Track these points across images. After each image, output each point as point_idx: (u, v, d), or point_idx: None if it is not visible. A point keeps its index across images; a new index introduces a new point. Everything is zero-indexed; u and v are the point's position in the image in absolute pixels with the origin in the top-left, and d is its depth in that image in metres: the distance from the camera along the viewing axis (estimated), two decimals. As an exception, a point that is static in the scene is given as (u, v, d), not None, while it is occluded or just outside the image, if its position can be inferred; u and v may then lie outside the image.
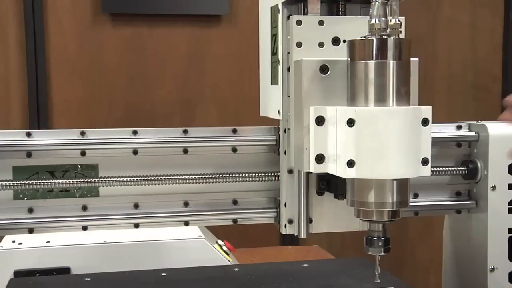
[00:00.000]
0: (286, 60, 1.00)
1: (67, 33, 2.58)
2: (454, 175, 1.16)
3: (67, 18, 2.57)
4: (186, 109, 2.67)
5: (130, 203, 1.09)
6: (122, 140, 1.07)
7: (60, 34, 2.57)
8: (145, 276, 1.34)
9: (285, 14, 1.00)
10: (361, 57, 0.89)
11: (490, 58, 2.99)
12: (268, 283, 1.27)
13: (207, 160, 1.10)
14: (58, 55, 2.57)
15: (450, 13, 2.93)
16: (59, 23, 2.57)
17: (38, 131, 1.06)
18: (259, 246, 2.12)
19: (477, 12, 2.96)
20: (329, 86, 0.94)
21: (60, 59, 2.57)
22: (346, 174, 0.89)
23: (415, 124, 0.90)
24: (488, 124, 1.14)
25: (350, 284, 1.22)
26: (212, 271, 1.41)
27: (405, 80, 0.90)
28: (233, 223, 1.11)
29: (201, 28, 2.66)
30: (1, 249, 1.50)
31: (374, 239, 0.95)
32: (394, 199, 0.91)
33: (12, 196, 1.07)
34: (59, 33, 2.57)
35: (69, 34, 2.58)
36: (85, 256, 1.51)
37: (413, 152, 0.89)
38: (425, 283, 2.67)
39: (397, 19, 0.89)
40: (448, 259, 1.25)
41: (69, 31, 2.58)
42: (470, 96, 2.98)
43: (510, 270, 1.14)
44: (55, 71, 2.58)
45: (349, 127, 0.88)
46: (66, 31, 2.58)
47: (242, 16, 2.63)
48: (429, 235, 2.73)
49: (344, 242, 2.53)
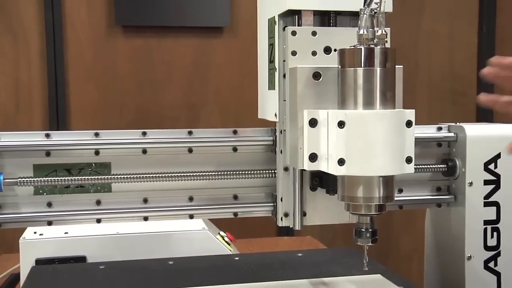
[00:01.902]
0: (282, 67, 0.99)
1: (84, 44, 2.59)
2: (435, 172, 1.15)
3: (83, 30, 2.59)
4: (191, 112, 2.68)
5: (140, 198, 1.09)
6: (132, 140, 1.07)
7: (77, 44, 2.58)
8: (154, 264, 1.34)
9: (281, 26, 1.00)
10: (351, 64, 0.89)
11: (466, 66, 2.99)
12: (265, 270, 1.26)
13: (210, 158, 1.09)
14: (75, 63, 2.58)
15: (430, 25, 2.93)
16: (76, 34, 2.58)
17: (56, 132, 1.06)
18: (257, 237, 2.11)
19: (455, 25, 2.96)
20: (321, 91, 0.94)
21: (77, 67, 2.58)
22: (337, 171, 0.89)
23: (399, 125, 0.89)
24: (466, 126, 1.13)
25: (340, 272, 1.22)
26: (214, 259, 1.41)
27: (391, 85, 0.89)
28: (234, 216, 1.10)
29: (204, 38, 2.66)
30: (24, 239, 1.49)
31: (362, 230, 0.95)
32: (381, 194, 0.90)
33: (33, 191, 1.06)
34: (76, 44, 2.58)
35: (85, 45, 2.59)
36: (100, 246, 1.51)
37: (398, 151, 0.89)
38: (408, 270, 2.66)
39: (383, 30, 0.89)
40: (429, 248, 1.25)
41: (85, 42, 2.59)
42: (449, 100, 2.97)
43: (485, 258, 1.14)
44: (73, 78, 2.58)
45: (340, 129, 0.88)
46: (82, 41, 2.59)
47: (242, 28, 2.63)
48: (412, 226, 2.73)
49: (335, 233, 2.53)
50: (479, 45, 2.98)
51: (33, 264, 1.45)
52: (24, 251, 1.48)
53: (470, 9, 2.97)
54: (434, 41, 2.95)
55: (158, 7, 2.57)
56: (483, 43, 2.97)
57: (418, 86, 2.93)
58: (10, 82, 2.54)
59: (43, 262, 1.46)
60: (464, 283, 1.13)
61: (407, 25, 2.87)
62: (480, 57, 2.98)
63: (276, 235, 2.40)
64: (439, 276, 1.22)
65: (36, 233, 1.52)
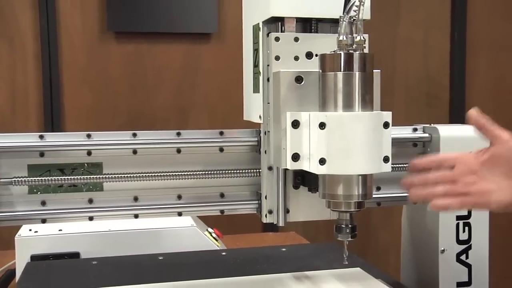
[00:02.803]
0: (266, 71, 0.99)
1: (78, 49, 2.58)
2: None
3: (77, 36, 2.58)
4: (180, 114, 2.67)
5: (130, 197, 1.08)
6: (123, 141, 1.05)
7: (71, 49, 2.57)
8: (144, 260, 1.33)
9: (265, 32, 0.99)
10: (331, 69, 0.89)
11: (440, 71, 3.01)
12: (251, 265, 1.26)
13: (198, 158, 1.08)
14: (70, 67, 2.57)
15: (406, 32, 2.94)
16: (71, 40, 2.57)
17: (50, 134, 1.05)
18: (243, 233, 2.11)
19: (429, 32, 2.98)
20: (303, 94, 0.93)
21: (71, 71, 2.57)
22: (318, 170, 0.89)
23: (377, 127, 0.89)
24: (439, 127, 1.14)
25: (322, 266, 1.22)
26: (203, 255, 1.40)
27: (369, 89, 0.89)
28: (221, 213, 1.09)
29: (193, 44, 2.66)
30: (19, 236, 1.48)
31: (342, 226, 0.95)
32: (360, 192, 0.90)
33: (27, 190, 1.05)
34: (70, 49, 2.57)
35: (79, 50, 2.58)
36: (93, 243, 1.50)
37: (376, 151, 0.89)
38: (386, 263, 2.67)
39: (362, 36, 0.89)
40: (406, 243, 1.25)
41: (79, 47, 2.58)
42: (424, 103, 2.99)
43: (457, 252, 1.14)
44: (67, 81, 2.57)
45: (321, 130, 0.87)
46: (76, 47, 2.58)
47: (228, 34, 2.63)
48: (389, 222, 2.74)
49: (317, 229, 2.53)
50: (451, 51, 3.01)
51: (28, 260, 1.44)
52: (19, 247, 1.46)
53: (442, 18, 2.99)
54: (410, 47, 2.96)
55: (149, 14, 2.57)
56: (455, 49, 3.00)
57: (396, 89, 2.94)
58: (7, 85, 2.52)
59: (38, 258, 1.45)
60: (438, 275, 1.13)
61: (384, 32, 2.88)
62: (452, 62, 3.01)
63: (262, 231, 2.40)
64: (414, 268, 1.22)
65: (31, 231, 1.50)
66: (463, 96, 3.02)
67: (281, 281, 1.13)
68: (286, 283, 1.12)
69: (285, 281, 1.13)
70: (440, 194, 0.93)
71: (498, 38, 3.05)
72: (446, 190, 0.93)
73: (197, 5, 2.60)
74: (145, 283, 1.13)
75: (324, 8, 0.97)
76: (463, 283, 1.14)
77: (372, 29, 0.97)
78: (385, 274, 1.19)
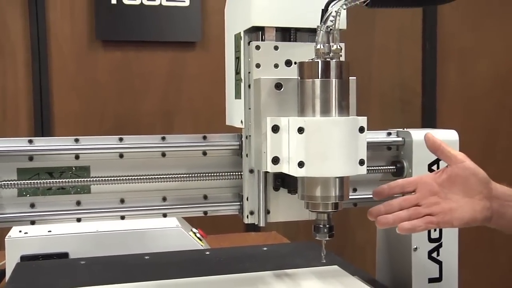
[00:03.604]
0: (247, 78, 0.99)
1: (67, 56, 2.56)
2: (385, 173, 1.16)
3: (66, 44, 2.56)
4: (166, 119, 2.66)
5: (117, 199, 1.06)
6: (110, 145, 1.04)
7: (60, 57, 2.55)
8: (131, 259, 1.32)
9: (246, 41, 0.99)
10: (309, 76, 0.89)
11: (413, 78, 3.03)
12: (234, 263, 1.25)
13: (182, 162, 1.07)
14: (59, 74, 2.55)
15: (381, 41, 2.96)
16: (60, 47, 2.55)
17: (39, 138, 1.03)
18: (227, 233, 2.10)
19: (402, 41, 3.00)
20: (283, 100, 0.93)
21: (61, 78, 2.55)
22: (297, 173, 0.88)
23: (353, 131, 0.89)
24: (412, 131, 1.14)
25: (301, 264, 1.22)
26: (187, 254, 1.40)
27: (345, 95, 0.89)
28: (204, 214, 1.09)
29: (178, 52, 2.65)
30: (10, 237, 1.46)
31: (320, 226, 0.95)
32: (337, 193, 0.90)
33: (17, 193, 1.03)
34: (59, 56, 2.55)
35: (68, 57, 2.57)
36: (81, 243, 1.49)
37: (352, 154, 0.89)
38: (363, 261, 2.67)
39: (338, 45, 0.89)
40: (381, 241, 1.25)
41: (68, 55, 2.56)
42: (398, 108, 3.01)
43: (429, 249, 1.14)
44: (56, 88, 2.55)
45: (300, 134, 0.87)
46: (65, 54, 2.56)
47: (212, 43, 2.62)
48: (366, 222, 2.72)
49: (298, 228, 2.52)
50: (423, 59, 3.03)
51: (18, 260, 1.42)
52: (9, 248, 1.44)
53: (415, 28, 3.01)
54: (384, 56, 2.98)
55: (135, 23, 2.56)
56: (427, 58, 3.02)
57: (371, 95, 2.96)
58: (-2, 92, 2.49)
59: (27, 259, 1.43)
60: (411, 272, 1.13)
61: (360, 41, 2.90)
62: (424, 70, 3.04)
63: (244, 231, 2.39)
64: (389, 265, 1.22)
65: (21, 232, 1.49)
66: (434, 102, 3.05)
67: (263, 279, 1.12)
68: (267, 281, 1.11)
69: (266, 279, 1.12)
70: (405, 218, 0.96)
71: (466, 47, 3.09)
72: (410, 213, 0.96)
73: (182, 15, 2.60)
74: (132, 282, 1.12)
75: (302, 18, 0.97)
76: (434, 279, 1.15)
77: (348, 38, 0.98)
78: (361, 271, 1.19)
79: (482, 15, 3.08)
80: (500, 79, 3.14)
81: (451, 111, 3.09)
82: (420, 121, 3.02)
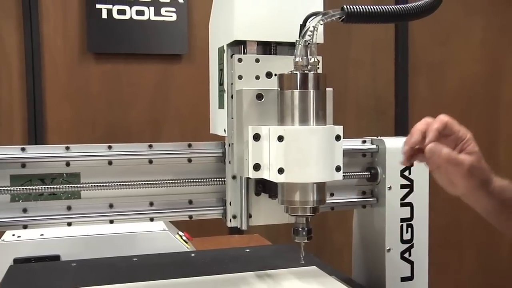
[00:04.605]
0: (230, 89, 0.98)
1: (59, 68, 2.55)
2: (360, 179, 1.16)
3: (59, 56, 2.54)
4: (154, 128, 2.65)
5: (106, 204, 1.05)
6: (99, 153, 1.03)
7: (53, 68, 2.53)
8: (120, 261, 1.30)
9: (229, 54, 0.99)
10: (288, 87, 0.88)
11: (386, 89, 3.05)
12: (218, 265, 1.25)
13: (168, 168, 1.06)
14: (52, 84, 2.52)
15: (356, 55, 2.98)
16: (53, 59, 2.53)
17: (31, 146, 1.02)
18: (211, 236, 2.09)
19: (376, 55, 3.02)
20: (263, 110, 0.93)
21: (54, 88, 2.53)
22: (277, 179, 0.88)
23: (330, 139, 0.89)
24: (385, 139, 1.14)
25: (282, 265, 1.21)
26: (174, 256, 1.38)
27: (322, 105, 0.89)
28: (189, 218, 1.08)
29: (166, 64, 2.65)
30: (3, 241, 1.44)
31: (299, 229, 0.94)
32: (315, 198, 0.90)
33: (10, 199, 1.01)
34: (53, 68, 2.53)
35: (61, 69, 2.55)
36: (72, 246, 1.47)
37: (329, 161, 0.89)
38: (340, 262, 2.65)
39: (316, 58, 0.89)
40: (356, 243, 1.25)
41: (61, 66, 2.55)
42: (372, 117, 3.03)
43: (401, 250, 1.15)
44: (50, 98, 2.53)
45: (279, 142, 0.87)
46: (58, 66, 2.55)
47: (197, 55, 2.62)
48: (343, 224, 2.74)
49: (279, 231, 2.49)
50: (396, 72, 3.06)
51: (11, 263, 1.39)
52: (3, 251, 1.42)
53: (388, 42, 3.04)
54: (359, 68, 3.00)
55: (125, 36, 2.55)
56: (399, 70, 3.05)
57: (347, 105, 2.97)
58: (-7, 102, 2.46)
59: (20, 261, 1.41)
60: (385, 271, 1.14)
61: (336, 54, 2.92)
62: (396, 81, 3.06)
63: (228, 234, 2.38)
64: (364, 265, 1.22)
65: (14, 235, 1.47)
66: (406, 111, 3.07)
67: (245, 280, 1.12)
68: (249, 281, 1.10)
69: (249, 279, 1.12)
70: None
71: (435, 61, 3.12)
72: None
73: (170, 29, 2.60)
74: (121, 283, 1.11)
75: (282, 33, 0.97)
76: (406, 278, 1.15)
77: (325, 51, 0.98)
78: (338, 272, 1.19)
79: (449, 31, 3.12)
80: (466, 89, 3.18)
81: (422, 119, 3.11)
82: (393, 129, 3.04)
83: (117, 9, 2.53)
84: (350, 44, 2.96)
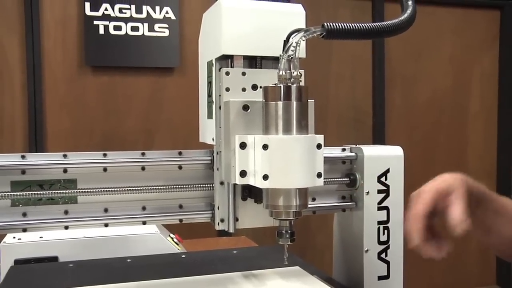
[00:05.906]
0: (218, 100, 0.98)
1: (59, 80, 2.53)
2: (340, 184, 1.15)
3: (59, 68, 2.53)
4: (148, 136, 2.64)
5: (101, 208, 1.04)
6: (95, 160, 1.02)
7: (53, 80, 2.52)
8: (115, 262, 1.29)
9: (217, 67, 0.98)
10: (273, 99, 0.88)
11: (365, 100, 3.08)
12: (207, 265, 1.24)
13: (160, 175, 1.05)
14: (52, 95, 2.51)
15: (337, 68, 3.00)
16: (53, 72, 2.52)
17: (31, 154, 1.00)
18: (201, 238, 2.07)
19: (355, 69, 3.05)
20: (249, 120, 0.92)
21: (53, 99, 2.52)
22: (262, 185, 0.87)
23: (312, 148, 0.88)
24: (364, 147, 1.14)
25: (267, 265, 1.20)
26: (165, 257, 1.37)
27: (305, 115, 0.89)
28: (180, 222, 1.06)
29: (159, 76, 2.64)
30: (4, 243, 1.42)
31: (283, 232, 0.94)
32: (297, 202, 0.89)
33: (10, 204, 1.00)
34: (53, 79, 2.52)
35: (60, 80, 2.54)
36: (69, 248, 1.45)
37: (310, 168, 0.88)
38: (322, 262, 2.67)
39: (298, 71, 0.89)
40: (337, 244, 1.25)
41: (60, 78, 2.53)
42: (351, 127, 3.04)
43: (378, 251, 1.14)
44: (49, 108, 2.51)
45: (264, 150, 0.86)
46: (58, 78, 2.53)
47: (189, 68, 2.62)
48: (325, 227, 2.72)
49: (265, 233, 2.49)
50: (373, 84, 3.08)
51: (12, 264, 1.37)
52: (4, 253, 1.40)
53: (366, 57, 3.07)
54: (340, 81, 3.02)
55: (121, 51, 2.55)
56: (376, 83, 3.07)
57: (328, 115, 2.98)
58: (-4, 111, 2.44)
59: (20, 262, 1.39)
60: (363, 271, 1.13)
61: (318, 68, 2.93)
62: (374, 93, 3.09)
63: (217, 236, 2.37)
64: (344, 265, 1.22)
65: (15, 238, 1.45)
66: (383, 121, 3.09)
67: (232, 279, 1.11)
68: (236, 281, 1.10)
69: (235, 279, 1.11)
70: None
71: (409, 75, 3.15)
72: None
73: (162, 44, 2.60)
74: (116, 283, 1.09)
75: (267, 48, 0.97)
76: (383, 277, 1.15)
77: (307, 65, 0.98)
78: (320, 271, 1.18)
79: (421, 47, 3.15)
80: (437, 100, 3.22)
81: (397, 128, 3.14)
82: (371, 137, 3.06)
83: (114, 25, 2.52)
84: (331, 59, 2.98)
